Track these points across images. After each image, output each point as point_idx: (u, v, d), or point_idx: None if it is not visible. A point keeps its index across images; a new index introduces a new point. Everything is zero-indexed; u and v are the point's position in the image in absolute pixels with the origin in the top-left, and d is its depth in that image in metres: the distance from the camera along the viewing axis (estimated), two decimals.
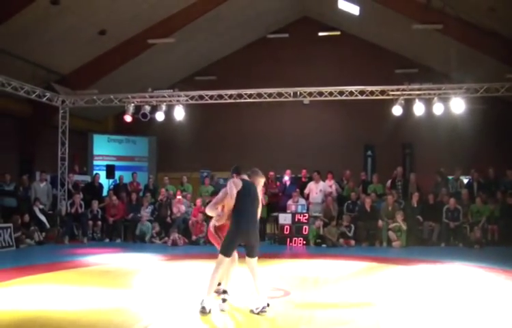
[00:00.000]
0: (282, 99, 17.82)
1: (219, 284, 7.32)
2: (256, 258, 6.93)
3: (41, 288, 8.63)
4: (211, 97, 18.17)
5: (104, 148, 23.07)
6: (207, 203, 8.16)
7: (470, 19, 16.28)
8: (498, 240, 15.89)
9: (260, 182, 7.31)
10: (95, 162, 22.63)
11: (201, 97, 18.23)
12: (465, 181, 18.33)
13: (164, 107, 18.06)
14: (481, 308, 7.18)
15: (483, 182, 17.78)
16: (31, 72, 17.80)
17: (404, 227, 15.87)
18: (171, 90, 18.39)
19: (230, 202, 6.95)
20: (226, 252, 6.86)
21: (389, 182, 18.10)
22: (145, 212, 17.56)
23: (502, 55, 16.92)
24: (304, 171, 19.05)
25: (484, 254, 13.62)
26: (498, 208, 16.49)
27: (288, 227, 16.49)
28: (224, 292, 7.29)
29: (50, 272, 10.27)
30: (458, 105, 16.55)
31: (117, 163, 22.13)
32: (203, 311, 6.63)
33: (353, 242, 16.16)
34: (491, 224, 16.15)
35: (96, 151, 22.91)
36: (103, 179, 20.35)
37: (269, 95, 17.80)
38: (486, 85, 16.64)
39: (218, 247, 7.11)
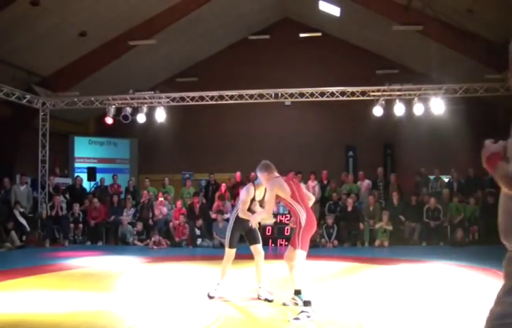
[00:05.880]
0: (263, 100, 17.86)
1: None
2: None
3: (23, 292, 8.54)
4: (192, 98, 18.15)
5: (85, 150, 22.90)
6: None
7: (449, 20, 16.44)
8: (479, 239, 16.03)
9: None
10: (76, 165, 22.45)
11: (182, 98, 18.20)
12: (446, 180, 18.51)
13: (145, 109, 18.00)
14: (462, 306, 7.25)
15: (463, 181, 17.96)
16: (10, 73, 17.60)
17: (390, 228, 16.03)
18: (152, 92, 18.32)
19: None
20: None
21: (366, 182, 18.29)
22: (128, 215, 17.52)
23: (480, 55, 17.09)
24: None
25: (465, 253, 13.72)
26: (477, 208, 16.65)
27: (270, 228, 16.46)
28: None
29: (31, 276, 10.16)
30: (438, 105, 16.71)
31: (98, 166, 22.00)
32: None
33: (335, 242, 16.24)
34: (472, 225, 16.30)
35: (77, 153, 22.72)
36: (85, 182, 20.22)
37: (251, 96, 17.83)
38: (465, 86, 16.85)
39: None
